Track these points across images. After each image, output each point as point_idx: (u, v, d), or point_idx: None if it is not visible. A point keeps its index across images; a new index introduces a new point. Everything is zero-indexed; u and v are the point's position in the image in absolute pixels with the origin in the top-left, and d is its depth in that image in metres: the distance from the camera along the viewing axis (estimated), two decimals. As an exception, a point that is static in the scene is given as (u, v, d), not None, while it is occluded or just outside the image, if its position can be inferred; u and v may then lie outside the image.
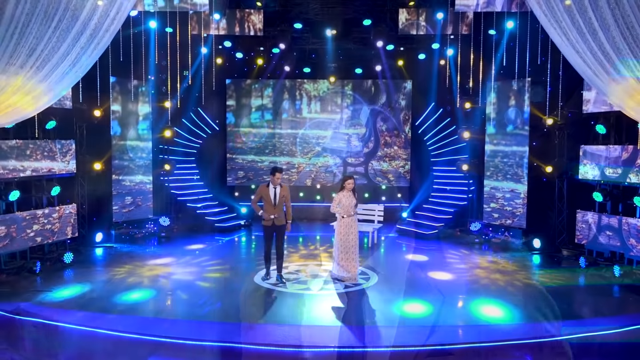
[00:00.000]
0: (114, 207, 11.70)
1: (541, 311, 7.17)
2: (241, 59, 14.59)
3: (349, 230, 8.51)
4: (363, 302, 7.57)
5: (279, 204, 8.28)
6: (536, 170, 11.15)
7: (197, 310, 7.14)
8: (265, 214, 8.24)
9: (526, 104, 11.19)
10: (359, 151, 15.27)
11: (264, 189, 8.30)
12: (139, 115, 12.23)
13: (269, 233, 8.39)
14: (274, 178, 8.22)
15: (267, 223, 8.32)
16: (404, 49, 14.30)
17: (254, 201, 8.40)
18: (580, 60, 7.57)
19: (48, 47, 7.75)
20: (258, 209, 8.34)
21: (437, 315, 7.03)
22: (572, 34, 7.48)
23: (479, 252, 11.04)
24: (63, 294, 7.78)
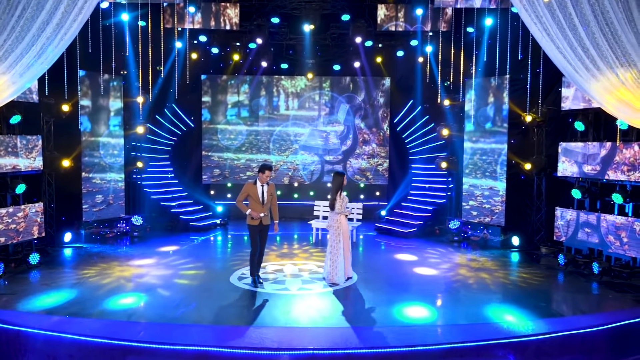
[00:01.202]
0: (84, 205, 11.25)
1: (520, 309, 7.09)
2: (217, 54, 14.26)
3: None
4: (343, 303, 7.37)
5: (267, 203, 7.96)
6: (515, 168, 11.12)
7: (170, 313, 6.84)
8: (254, 213, 7.85)
9: (505, 101, 11.15)
10: (337, 149, 15.09)
11: (251, 187, 7.94)
12: (110, 110, 11.79)
13: (256, 233, 8.00)
14: (263, 176, 7.86)
15: (254, 222, 7.94)
16: (382, 46, 14.18)
17: (240, 200, 7.97)
18: (561, 56, 7.51)
19: (11, 37, 7.37)
20: (245, 208, 7.93)
21: (417, 315, 6.89)
22: (553, 30, 7.42)
23: (458, 250, 10.98)
24: (26, 297, 7.38)
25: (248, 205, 7.93)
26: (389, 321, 6.64)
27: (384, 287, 8.10)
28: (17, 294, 7.52)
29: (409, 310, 7.01)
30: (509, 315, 6.90)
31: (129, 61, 11.94)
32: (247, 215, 7.93)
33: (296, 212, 14.52)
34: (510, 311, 7.06)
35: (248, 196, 7.94)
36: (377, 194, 15.16)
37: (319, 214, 12.02)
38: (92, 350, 5.78)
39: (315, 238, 11.78)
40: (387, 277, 8.74)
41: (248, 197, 7.94)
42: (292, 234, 12.36)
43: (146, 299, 7.47)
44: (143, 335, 5.97)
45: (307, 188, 15.14)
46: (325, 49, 14.35)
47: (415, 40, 13.25)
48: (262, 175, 7.88)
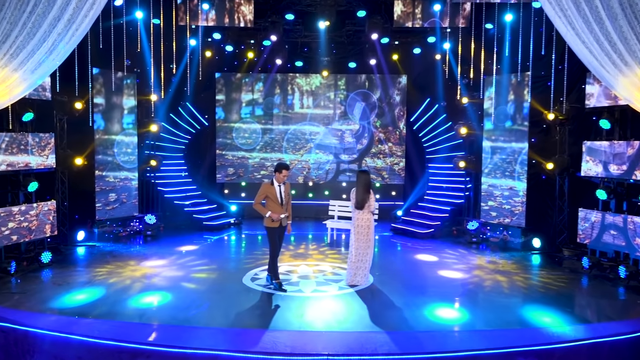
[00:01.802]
0: (97, 204, 11.18)
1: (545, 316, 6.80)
2: (231, 52, 14.12)
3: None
4: (359, 306, 7.14)
5: (285, 203, 7.69)
6: (536, 168, 10.79)
7: (181, 314, 6.68)
8: (274, 215, 7.52)
9: (526, 99, 10.81)
10: (353, 148, 14.85)
11: (268, 188, 7.62)
12: (123, 108, 11.71)
13: (275, 235, 7.66)
14: (280, 175, 7.56)
15: (274, 224, 7.59)
16: (399, 43, 13.92)
17: (258, 202, 7.58)
18: (586, 51, 7.20)
19: (23, 33, 7.29)
20: (264, 210, 7.56)
21: (435, 320, 6.64)
22: (578, 23, 7.13)
23: (477, 251, 10.68)
24: (36, 297, 7.29)
25: (265, 207, 7.64)
26: (405, 326, 6.40)
27: (400, 290, 7.85)
28: (27, 293, 7.43)
29: (426, 315, 6.76)
30: (532, 321, 6.61)
31: (143, 59, 11.82)
32: (267, 217, 7.58)
33: (311, 212, 14.33)
34: (532, 317, 6.77)
35: (266, 197, 7.64)
36: (393, 194, 14.89)
37: (334, 214, 11.81)
38: (101, 352, 5.64)
39: (330, 238, 11.58)
40: (404, 280, 8.49)
41: (266, 199, 7.64)
42: (307, 234, 12.16)
43: (157, 299, 7.32)
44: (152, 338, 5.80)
45: (322, 187, 14.93)
46: (341, 46, 14.13)
47: (433, 37, 12.98)
48: (278, 175, 7.60)
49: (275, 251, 7.73)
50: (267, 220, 7.60)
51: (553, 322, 6.53)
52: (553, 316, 6.75)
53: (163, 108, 13.16)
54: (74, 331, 5.90)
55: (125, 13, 10.90)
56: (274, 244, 7.68)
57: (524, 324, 6.58)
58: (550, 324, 6.49)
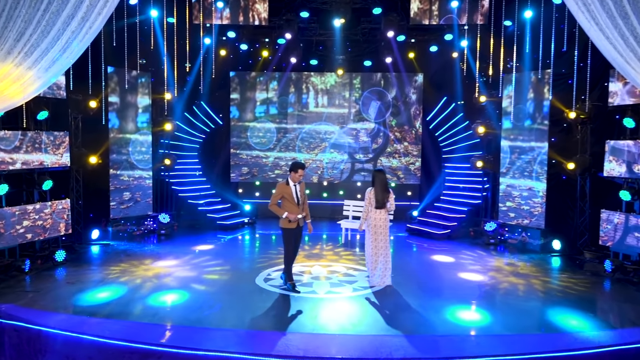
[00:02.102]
0: (112, 203, 11.18)
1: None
2: (246, 51, 14.05)
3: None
4: (373, 308, 6.99)
5: (302, 203, 7.53)
6: (556, 167, 10.51)
7: (193, 315, 6.60)
8: (291, 215, 7.33)
9: (546, 97, 10.55)
10: (368, 147, 14.68)
11: (284, 188, 7.42)
12: (138, 107, 11.70)
13: (292, 236, 7.49)
14: (295, 175, 7.38)
15: (291, 225, 7.41)
16: (415, 41, 13.72)
17: (274, 202, 7.39)
18: (611, 47, 6.95)
19: (37, 32, 7.27)
20: (280, 211, 7.37)
21: (452, 323, 6.46)
22: (602, 18, 6.88)
23: (495, 253, 10.45)
24: (49, 295, 7.27)
25: (281, 208, 7.46)
26: (421, 329, 6.24)
27: (416, 292, 7.69)
28: (41, 292, 7.42)
29: (443, 318, 6.59)
30: (553, 326, 6.40)
31: (157, 58, 11.80)
32: (283, 218, 7.39)
33: (325, 212, 14.19)
34: (553, 321, 6.56)
35: (281, 198, 7.48)
36: (409, 194, 14.69)
37: (348, 214, 11.66)
38: (111, 352, 5.58)
39: (344, 239, 11.44)
40: (420, 281, 8.32)
41: (281, 199, 7.47)
42: (321, 234, 12.02)
43: (169, 299, 7.26)
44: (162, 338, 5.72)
45: (336, 187, 14.79)
46: (356, 44, 13.98)
47: (450, 34, 12.77)
48: (294, 174, 7.42)
49: (291, 252, 7.58)
50: (283, 221, 7.43)
51: (575, 328, 6.32)
52: (575, 321, 6.53)
53: (178, 107, 13.14)
54: (86, 331, 5.84)
55: (140, 12, 10.89)
56: (290, 245, 7.53)
57: (544, 329, 6.36)
58: (572, 329, 6.28)
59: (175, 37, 11.55)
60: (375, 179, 8.00)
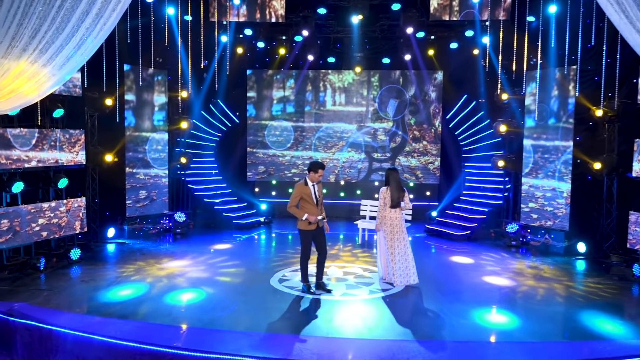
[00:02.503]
0: (127, 201, 11.15)
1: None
2: (262, 49, 13.90)
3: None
4: (390, 311, 6.78)
5: (320, 204, 7.33)
6: (581, 167, 10.16)
7: (206, 316, 6.48)
8: (311, 217, 7.10)
9: (571, 94, 10.20)
10: (386, 146, 14.44)
11: (304, 189, 7.17)
12: (154, 105, 11.66)
13: (310, 238, 7.28)
14: (315, 175, 7.15)
15: (310, 227, 7.18)
16: (435, 38, 13.42)
17: (293, 204, 7.14)
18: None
19: (52, 28, 7.21)
20: (300, 213, 7.13)
21: (472, 328, 6.22)
22: (632, 11, 6.56)
23: (517, 255, 10.13)
24: (63, 294, 7.22)
25: (299, 209, 7.24)
26: (440, 334, 6.01)
27: (435, 295, 7.45)
28: (54, 290, 7.38)
29: (462, 322, 6.35)
30: (577, 333, 6.12)
31: (174, 55, 11.73)
32: (303, 220, 7.14)
33: (342, 212, 13.99)
34: (578, 328, 6.27)
35: (300, 199, 7.25)
36: (428, 194, 14.41)
37: (365, 214, 11.45)
38: (121, 353, 5.47)
39: (361, 239, 11.23)
40: (439, 284, 8.07)
41: (301, 200, 7.24)
42: (337, 234, 11.83)
43: (182, 300, 7.15)
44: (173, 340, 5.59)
45: (353, 187, 14.58)
46: (374, 41, 13.74)
47: (471, 30, 12.45)
48: (314, 174, 7.18)
49: (308, 254, 7.37)
50: (302, 223, 7.20)
51: (601, 335, 6.02)
52: (601, 328, 6.24)
53: (194, 105, 13.10)
54: (96, 331, 5.74)
55: (156, 9, 10.84)
56: (308, 247, 7.32)
57: (569, 336, 6.09)
58: (599, 336, 5.99)
59: (191, 35, 11.48)
60: (389, 177, 7.90)
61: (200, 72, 12.84)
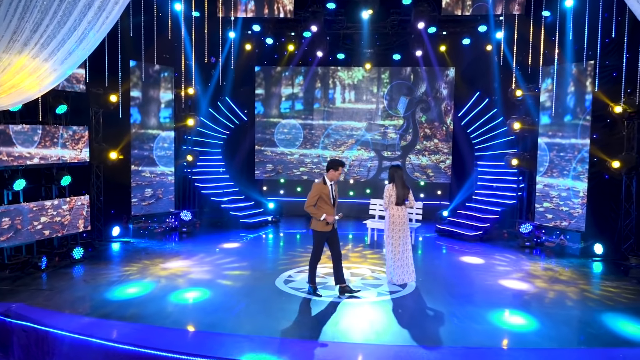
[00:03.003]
0: (133, 199, 11.00)
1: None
2: (271, 45, 13.69)
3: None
4: (399, 315, 6.53)
5: (336, 204, 7.06)
6: (598, 166, 9.82)
7: (207, 319, 6.27)
8: (329, 217, 6.85)
9: (588, 91, 9.85)
10: (396, 144, 14.15)
11: (323, 188, 6.87)
12: (160, 102, 11.49)
13: (324, 239, 7.05)
14: (336, 173, 6.89)
15: (327, 228, 6.93)
16: (447, 33, 13.12)
17: (311, 203, 6.85)
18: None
19: (54, 22, 7.04)
20: (319, 213, 6.83)
21: (484, 334, 5.94)
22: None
23: (530, 257, 9.81)
24: (63, 294, 7.05)
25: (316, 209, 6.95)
26: (451, 340, 5.74)
27: (445, 298, 7.17)
28: (54, 290, 7.22)
29: (474, 327, 6.07)
30: (595, 339, 5.81)
31: (181, 52, 11.55)
32: (320, 220, 6.87)
33: (351, 211, 13.66)
34: (596, 333, 5.97)
35: (318, 199, 6.92)
36: (439, 193, 14.09)
37: (375, 213, 11.19)
38: (119, 357, 5.28)
39: (370, 239, 10.97)
40: (450, 286, 7.79)
41: (318, 200, 6.90)
42: (346, 234, 11.58)
43: (184, 301, 6.95)
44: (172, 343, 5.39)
45: (363, 185, 14.31)
46: (385, 37, 13.45)
47: (484, 25, 12.13)
48: (334, 172, 6.90)
49: (319, 256, 7.13)
50: (319, 223, 6.92)
51: (620, 341, 5.71)
52: (620, 334, 5.93)
53: (201, 102, 12.93)
54: (94, 333, 5.56)
55: (163, 5, 10.68)
56: (320, 248, 7.09)
57: (586, 342, 5.79)
58: (617, 343, 5.68)
59: (199, 31, 11.29)
60: (394, 175, 7.78)
61: (207, 69, 12.66)
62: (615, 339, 5.80)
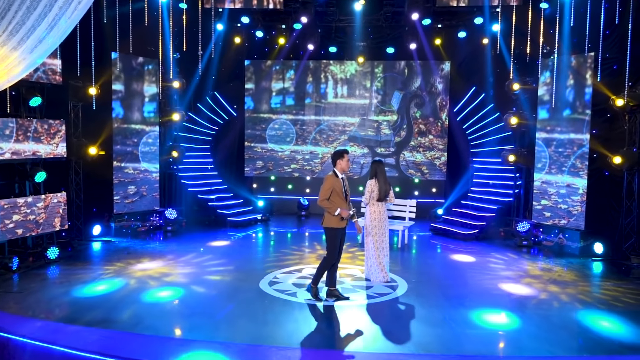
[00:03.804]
0: (115, 197, 10.56)
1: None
2: (261, 38, 13.25)
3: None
4: (388, 320, 6.13)
5: (348, 199, 6.63)
6: (598, 162, 9.44)
7: (182, 323, 5.88)
8: (344, 212, 6.42)
9: (588, 84, 9.46)
10: (390, 140, 13.75)
11: (336, 181, 6.44)
12: (144, 96, 11.04)
13: (339, 237, 6.59)
14: (343, 162, 6.49)
15: (342, 224, 6.52)
16: (442, 26, 12.74)
17: (325, 197, 6.38)
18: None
19: (23, 8, 6.62)
20: (333, 208, 6.37)
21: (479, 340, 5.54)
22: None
23: (528, 256, 9.44)
24: (30, 297, 6.63)
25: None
26: (444, 346, 5.34)
27: (439, 301, 6.77)
28: (24, 292, 6.79)
29: (468, 332, 5.68)
30: (595, 344, 5.42)
31: (166, 44, 11.11)
32: (336, 215, 6.41)
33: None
34: (597, 338, 5.58)
35: (332, 193, 6.48)
36: (434, 191, 13.71)
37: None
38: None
39: (362, 238, 10.54)
40: (443, 287, 7.40)
41: (331, 194, 6.46)
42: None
43: (160, 305, 6.52)
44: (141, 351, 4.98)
45: (355, 183, 13.85)
46: (378, 30, 13.06)
47: (480, 17, 11.73)
48: (341, 161, 6.50)
49: (335, 256, 6.62)
50: (333, 219, 6.46)
51: (622, 347, 5.33)
52: (624, 339, 5.54)
53: (188, 97, 12.52)
54: (58, 340, 5.16)
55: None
56: (336, 248, 6.58)
57: (586, 348, 5.40)
58: (618, 349, 5.30)
59: (185, 23, 10.87)
60: (377, 170, 7.57)
61: (194, 62, 12.22)
62: (618, 345, 5.42)
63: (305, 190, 13.86)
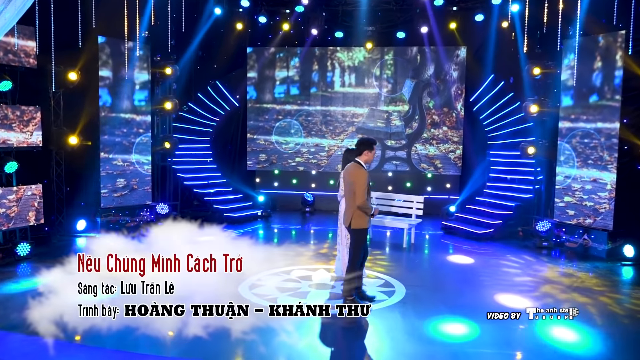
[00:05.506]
0: (103, 190, 9.93)
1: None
2: (264, 24, 12.50)
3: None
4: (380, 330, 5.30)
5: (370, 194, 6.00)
6: (630, 154, 8.43)
7: (134, 334, 5.17)
8: (376, 210, 5.98)
9: (618, 66, 8.43)
10: (401, 132, 12.84)
11: (367, 175, 5.81)
12: (135, 83, 10.38)
13: (366, 235, 6.12)
14: (371, 154, 5.85)
15: (368, 224, 6.03)
16: (457, 9, 11.81)
17: (365, 196, 5.71)
18: None
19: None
20: (369, 208, 5.80)
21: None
22: None
23: (548, 259, 8.51)
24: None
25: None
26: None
27: (440, 309, 5.91)
28: (-21, 294, 6.17)
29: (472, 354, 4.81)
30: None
31: (159, 27, 10.45)
32: (367, 216, 5.79)
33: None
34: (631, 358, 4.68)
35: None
36: (448, 186, 12.76)
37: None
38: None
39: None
40: (449, 296, 6.54)
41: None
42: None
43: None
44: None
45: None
46: (388, 13, 12.21)
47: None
48: (369, 153, 5.84)
49: (361, 257, 6.00)
50: (365, 219, 5.80)
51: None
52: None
53: (187, 85, 11.85)
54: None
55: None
56: (362, 249, 5.98)
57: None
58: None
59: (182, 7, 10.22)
60: (349, 159, 6.36)
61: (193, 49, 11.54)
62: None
63: (310, 185, 13.08)
